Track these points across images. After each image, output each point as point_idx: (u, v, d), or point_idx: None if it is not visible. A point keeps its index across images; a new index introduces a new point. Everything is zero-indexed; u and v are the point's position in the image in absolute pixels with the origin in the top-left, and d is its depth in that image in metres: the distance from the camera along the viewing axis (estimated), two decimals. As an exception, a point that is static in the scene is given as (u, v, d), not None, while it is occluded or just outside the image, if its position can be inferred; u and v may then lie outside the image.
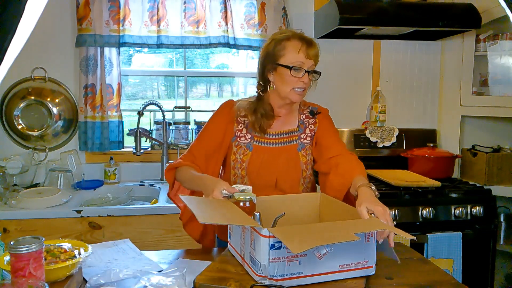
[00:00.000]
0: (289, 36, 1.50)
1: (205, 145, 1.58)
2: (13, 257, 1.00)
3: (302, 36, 1.51)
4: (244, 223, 1.10)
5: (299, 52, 1.47)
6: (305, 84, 1.49)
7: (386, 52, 2.86)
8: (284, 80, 1.50)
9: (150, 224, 2.15)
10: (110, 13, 2.51)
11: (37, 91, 2.55)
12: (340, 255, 1.11)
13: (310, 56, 1.48)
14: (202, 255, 1.43)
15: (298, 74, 1.47)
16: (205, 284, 1.11)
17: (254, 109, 1.57)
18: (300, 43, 1.48)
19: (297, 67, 1.47)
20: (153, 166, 2.69)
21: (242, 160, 1.56)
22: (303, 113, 1.64)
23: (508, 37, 2.53)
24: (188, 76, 2.91)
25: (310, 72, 1.49)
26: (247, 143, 1.58)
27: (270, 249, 1.05)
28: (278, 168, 1.56)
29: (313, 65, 1.50)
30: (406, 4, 2.47)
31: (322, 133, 1.61)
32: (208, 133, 1.60)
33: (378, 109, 2.78)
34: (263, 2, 2.64)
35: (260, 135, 1.58)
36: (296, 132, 1.60)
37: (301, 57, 1.47)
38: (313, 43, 1.50)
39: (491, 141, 2.80)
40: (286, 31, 1.55)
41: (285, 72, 1.48)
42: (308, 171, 1.61)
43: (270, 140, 1.58)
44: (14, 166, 2.33)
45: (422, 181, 2.38)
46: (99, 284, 1.14)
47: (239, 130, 1.59)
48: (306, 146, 1.60)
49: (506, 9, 0.88)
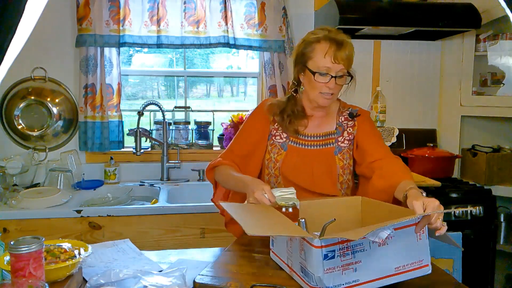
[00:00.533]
0: (319, 38, 1.44)
1: (243, 144, 1.56)
2: (13, 257, 1.00)
3: (332, 37, 1.43)
4: (294, 233, 1.05)
5: (325, 56, 1.41)
6: (331, 89, 1.43)
7: (386, 52, 2.86)
8: (311, 83, 1.46)
9: (150, 224, 2.15)
10: (110, 13, 2.51)
11: (37, 91, 2.55)
12: (394, 257, 1.06)
13: (338, 59, 1.40)
14: (202, 255, 1.43)
15: (323, 80, 1.42)
16: (205, 284, 1.11)
17: (282, 109, 1.54)
18: (328, 45, 1.41)
19: (322, 72, 1.42)
20: (153, 166, 2.69)
21: (276, 159, 1.53)
22: (342, 115, 1.58)
23: (508, 37, 2.53)
24: (188, 76, 2.91)
25: (338, 76, 1.43)
26: (282, 143, 1.54)
27: (324, 259, 1.00)
28: (313, 171, 1.51)
29: (342, 69, 1.42)
30: (406, 4, 2.47)
31: (362, 136, 1.54)
32: (246, 132, 1.58)
33: (378, 109, 2.78)
34: (263, 2, 2.64)
35: (294, 135, 1.54)
36: (333, 134, 1.54)
37: (327, 62, 1.41)
38: (344, 45, 1.42)
39: (491, 141, 2.80)
40: (319, 31, 1.47)
41: (312, 76, 1.44)
42: (345, 176, 1.54)
43: (306, 141, 1.54)
44: (14, 166, 2.32)
45: (422, 181, 2.38)
46: (99, 284, 1.14)
47: (275, 129, 1.55)
48: (344, 150, 1.54)
49: (506, 9, 0.88)
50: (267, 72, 2.69)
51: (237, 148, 1.56)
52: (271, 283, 1.10)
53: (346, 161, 1.53)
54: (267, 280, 1.12)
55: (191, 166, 2.71)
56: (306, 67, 1.46)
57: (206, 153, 2.77)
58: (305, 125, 1.54)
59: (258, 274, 1.18)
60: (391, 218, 1.09)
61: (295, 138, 1.54)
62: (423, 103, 2.93)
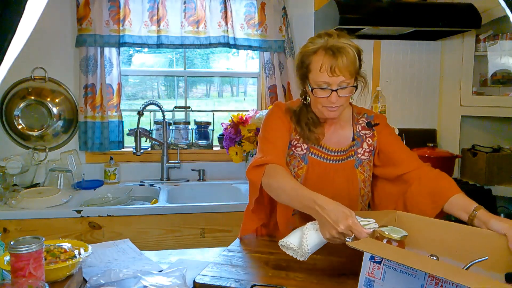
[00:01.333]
0: (315, 49, 1.31)
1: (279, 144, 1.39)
2: (13, 257, 1.00)
3: (329, 46, 1.30)
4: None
5: (321, 70, 1.29)
6: (334, 103, 1.31)
7: (386, 52, 2.86)
8: (312, 98, 1.37)
9: (150, 224, 2.15)
10: (110, 13, 2.51)
11: (37, 91, 2.55)
12: None
13: (336, 72, 1.27)
14: (202, 255, 1.43)
15: (324, 94, 1.31)
16: (205, 284, 1.11)
17: (298, 119, 1.43)
18: (324, 57, 1.29)
19: (322, 87, 1.31)
20: (153, 166, 2.69)
21: (296, 174, 1.43)
22: (358, 123, 1.48)
23: (508, 37, 2.53)
24: (188, 76, 2.92)
25: (341, 88, 1.30)
26: (303, 155, 1.43)
27: None
28: (335, 186, 1.42)
29: (343, 80, 1.29)
30: (406, 4, 2.47)
31: (386, 146, 1.46)
32: (274, 134, 1.41)
33: (378, 109, 2.78)
34: (263, 2, 2.64)
35: (316, 146, 1.43)
36: (352, 147, 1.45)
37: (324, 76, 1.28)
38: (341, 53, 1.28)
39: (491, 141, 2.80)
40: (317, 40, 1.34)
41: (313, 93, 1.34)
42: (366, 188, 1.47)
43: (326, 155, 1.44)
44: (14, 166, 2.32)
45: (422, 181, 2.38)
46: (99, 284, 1.14)
47: (296, 140, 1.44)
48: (364, 162, 1.45)
49: (506, 9, 0.88)
50: (267, 72, 2.70)
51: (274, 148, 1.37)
52: (271, 283, 1.10)
53: (366, 174, 1.46)
54: (267, 280, 1.12)
55: (191, 166, 2.71)
56: (307, 80, 1.37)
57: (206, 153, 2.77)
58: (323, 133, 1.43)
59: (258, 274, 1.18)
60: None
61: (316, 150, 1.43)
62: (423, 103, 2.93)
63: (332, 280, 1.13)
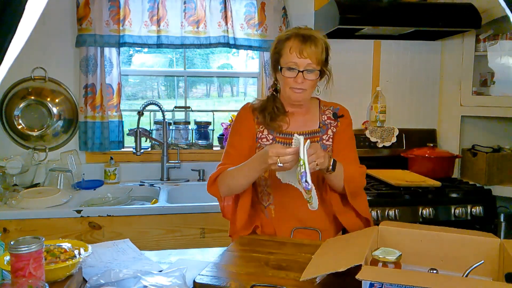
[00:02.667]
0: (289, 35, 1.47)
1: (239, 149, 1.53)
2: (13, 257, 1.00)
3: (301, 33, 1.45)
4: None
5: (291, 51, 1.43)
6: (300, 84, 1.44)
7: (386, 52, 2.86)
8: (282, 79, 1.49)
9: (150, 224, 2.15)
10: (110, 13, 2.51)
11: (37, 91, 2.55)
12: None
13: (304, 54, 1.42)
14: (202, 255, 1.43)
15: (291, 74, 1.45)
16: (205, 284, 1.11)
17: (262, 108, 1.55)
18: (294, 42, 1.44)
19: (291, 67, 1.44)
20: (153, 166, 2.69)
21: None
22: (324, 113, 1.60)
23: (508, 37, 2.53)
24: (188, 76, 2.91)
25: (307, 71, 1.44)
26: (269, 144, 1.53)
27: None
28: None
29: (310, 63, 1.43)
30: (406, 4, 2.47)
31: (338, 135, 1.57)
32: (237, 138, 1.56)
33: (378, 109, 2.78)
34: (263, 2, 2.64)
35: (280, 135, 1.54)
36: (318, 133, 1.56)
37: (294, 57, 1.43)
38: (311, 40, 1.43)
39: (491, 141, 2.80)
40: (291, 30, 1.51)
41: (282, 72, 1.47)
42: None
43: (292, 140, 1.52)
44: (14, 166, 2.32)
45: (422, 181, 2.38)
46: (99, 284, 1.14)
47: (261, 132, 1.55)
48: (328, 148, 1.56)
49: (506, 9, 0.88)
50: (267, 72, 2.69)
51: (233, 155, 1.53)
52: (271, 283, 1.10)
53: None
54: (267, 280, 1.12)
55: (191, 166, 2.71)
56: (278, 64, 1.49)
57: (206, 153, 2.77)
58: (287, 122, 1.55)
59: (258, 274, 1.18)
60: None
61: (282, 138, 1.54)
62: (423, 103, 2.93)
63: (332, 280, 1.13)
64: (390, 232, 1.23)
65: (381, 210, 2.21)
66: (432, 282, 0.89)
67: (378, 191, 2.30)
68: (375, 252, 1.06)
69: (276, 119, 1.53)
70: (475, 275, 1.07)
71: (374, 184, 2.43)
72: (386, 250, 1.07)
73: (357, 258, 1.00)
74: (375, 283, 0.93)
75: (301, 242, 1.43)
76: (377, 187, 2.37)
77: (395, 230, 1.22)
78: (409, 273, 1.00)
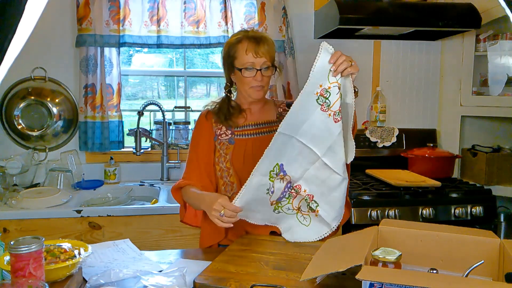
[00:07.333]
0: (239, 38, 1.55)
1: (200, 156, 1.61)
2: (13, 257, 1.00)
3: (251, 35, 1.54)
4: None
5: (247, 53, 1.51)
6: (260, 81, 1.53)
7: (386, 52, 2.86)
8: (241, 80, 1.55)
9: (150, 224, 2.15)
10: (110, 13, 2.51)
11: (37, 91, 2.55)
12: None
13: (259, 54, 1.51)
14: (202, 255, 1.43)
15: (251, 74, 1.52)
16: (205, 284, 1.11)
17: (218, 109, 1.63)
18: (248, 43, 1.52)
19: (248, 67, 1.51)
20: (153, 166, 2.69)
21: (225, 153, 1.59)
22: (280, 107, 1.68)
23: (508, 37, 2.53)
24: (188, 76, 2.91)
25: (264, 68, 1.52)
26: (229, 139, 1.60)
27: None
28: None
29: (266, 61, 1.52)
30: (406, 4, 2.47)
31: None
32: (197, 145, 1.63)
33: (378, 109, 2.78)
34: (263, 2, 2.64)
35: (238, 129, 1.60)
36: (275, 123, 1.62)
37: (250, 57, 1.51)
38: (263, 40, 1.53)
39: (491, 141, 2.80)
40: (239, 33, 1.59)
41: (240, 73, 1.54)
42: None
43: (251, 131, 1.61)
44: (14, 166, 2.32)
45: (422, 181, 2.38)
46: (99, 284, 1.14)
47: (219, 129, 1.62)
48: None
49: (506, 9, 0.88)
50: (267, 72, 2.69)
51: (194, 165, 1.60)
52: (271, 283, 1.10)
53: None
54: (267, 280, 1.12)
55: (191, 166, 2.70)
56: (234, 67, 1.56)
57: (206, 153, 2.76)
58: (244, 117, 1.62)
59: (258, 274, 1.18)
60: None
61: (240, 131, 1.60)
62: (423, 103, 2.93)
63: (332, 281, 1.13)
64: (390, 232, 1.22)
65: (381, 210, 2.21)
66: (432, 282, 0.89)
67: (378, 191, 2.30)
68: (375, 252, 1.06)
69: (231, 118, 1.60)
70: (475, 275, 1.07)
71: (374, 184, 2.43)
72: (386, 250, 1.06)
73: (357, 258, 1.00)
74: (375, 283, 0.93)
75: (301, 242, 1.43)
76: (377, 187, 2.37)
77: (395, 230, 1.22)
78: (409, 273, 1.00)
